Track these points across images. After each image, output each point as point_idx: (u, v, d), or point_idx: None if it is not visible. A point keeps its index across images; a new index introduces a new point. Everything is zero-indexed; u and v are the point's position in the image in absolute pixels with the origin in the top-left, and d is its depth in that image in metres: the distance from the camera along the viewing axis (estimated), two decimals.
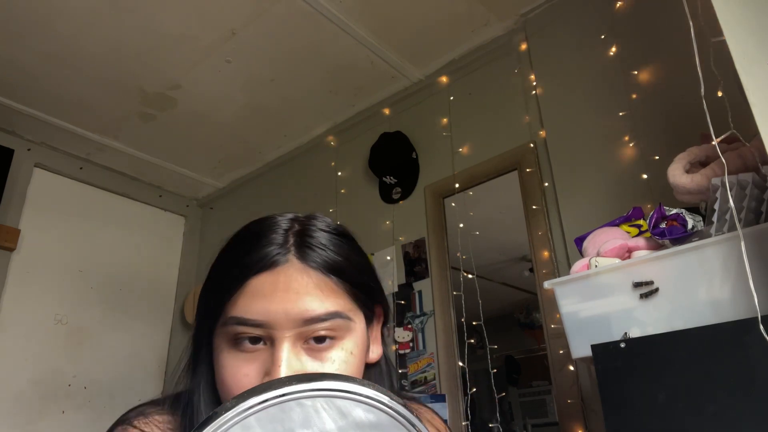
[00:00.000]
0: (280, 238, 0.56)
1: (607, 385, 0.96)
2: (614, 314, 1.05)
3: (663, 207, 1.09)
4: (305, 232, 0.57)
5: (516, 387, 2.06)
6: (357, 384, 0.40)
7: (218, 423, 0.36)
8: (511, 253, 2.08)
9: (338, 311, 0.54)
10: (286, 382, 0.39)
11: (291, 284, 0.53)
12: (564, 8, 1.96)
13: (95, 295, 2.72)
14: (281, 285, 0.53)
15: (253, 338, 0.53)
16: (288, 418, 0.38)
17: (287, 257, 0.54)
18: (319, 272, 0.54)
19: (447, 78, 2.28)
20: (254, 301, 0.52)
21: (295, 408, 0.38)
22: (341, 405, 0.39)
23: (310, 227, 0.58)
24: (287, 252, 0.55)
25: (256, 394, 0.38)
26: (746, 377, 0.81)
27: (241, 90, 2.42)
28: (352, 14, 2.05)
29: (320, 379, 0.39)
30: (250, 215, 0.63)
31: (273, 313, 0.52)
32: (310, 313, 0.52)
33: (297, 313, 0.52)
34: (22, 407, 2.35)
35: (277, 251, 0.54)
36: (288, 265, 0.54)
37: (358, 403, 0.39)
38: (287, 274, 0.53)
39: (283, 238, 0.56)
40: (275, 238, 0.56)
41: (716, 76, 1.02)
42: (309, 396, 0.38)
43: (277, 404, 0.38)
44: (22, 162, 2.58)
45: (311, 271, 0.54)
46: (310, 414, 0.38)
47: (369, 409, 0.40)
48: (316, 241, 0.56)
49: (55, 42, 2.12)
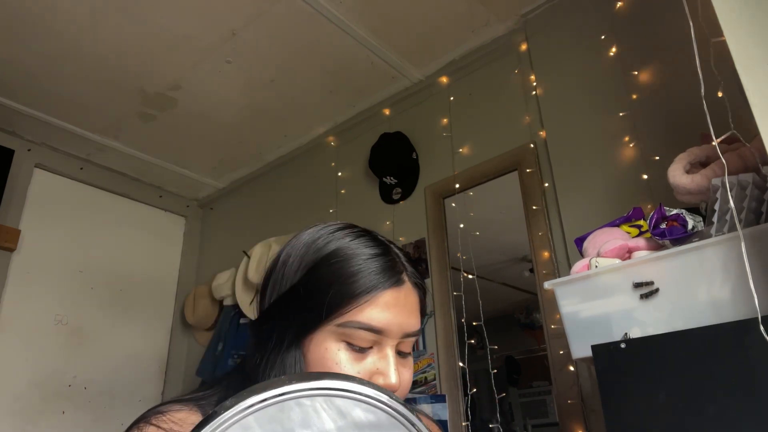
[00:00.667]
0: (401, 260, 0.66)
1: (607, 386, 0.96)
2: (614, 315, 1.05)
3: (663, 207, 1.09)
4: (399, 254, 0.67)
5: (516, 387, 2.06)
6: (356, 383, 0.40)
7: (217, 422, 0.36)
8: (512, 254, 2.08)
9: (421, 328, 0.67)
10: (285, 381, 0.38)
11: (407, 302, 0.63)
12: (564, 8, 1.96)
13: (95, 296, 2.72)
14: (401, 301, 0.62)
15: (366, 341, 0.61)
16: (287, 417, 0.38)
17: (404, 278, 0.64)
18: (417, 292, 0.66)
19: (447, 78, 2.28)
20: (381, 311, 0.61)
21: (294, 408, 0.38)
22: (341, 405, 0.39)
23: (397, 249, 0.68)
24: (403, 272, 0.64)
25: (255, 393, 0.38)
26: (746, 378, 0.81)
27: (241, 90, 2.42)
28: (353, 14, 2.05)
29: (319, 378, 0.39)
30: (251, 216, 0.65)
31: (392, 324, 0.61)
32: (412, 327, 0.63)
33: (406, 327, 0.62)
34: (22, 407, 2.35)
35: (401, 271, 0.64)
36: (405, 285, 0.64)
37: (357, 402, 0.39)
38: (406, 293, 0.64)
39: (401, 261, 0.66)
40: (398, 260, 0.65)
41: (716, 77, 1.02)
42: (308, 395, 0.38)
43: (276, 403, 0.38)
44: (23, 162, 2.58)
45: (414, 291, 0.65)
46: (310, 414, 0.38)
47: (368, 408, 0.39)
48: (408, 262, 0.67)
49: (55, 42, 2.12)
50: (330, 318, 0.60)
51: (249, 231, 2.83)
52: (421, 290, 0.67)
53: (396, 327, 0.61)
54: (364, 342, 0.60)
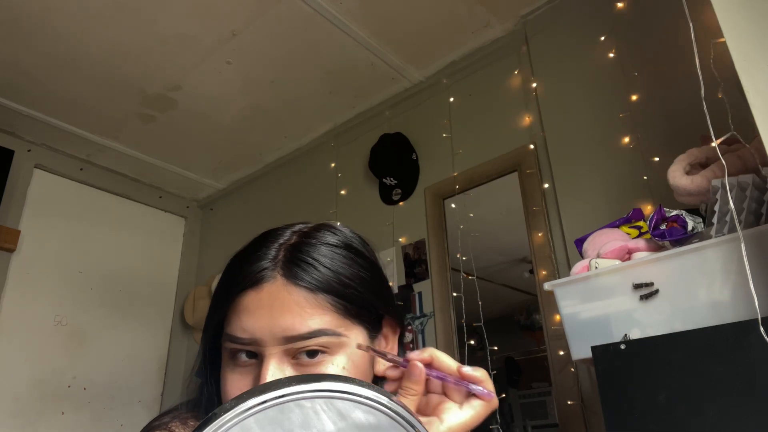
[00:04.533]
0: (271, 253, 0.56)
1: (607, 387, 0.96)
2: (614, 316, 1.05)
3: (663, 208, 1.09)
4: (298, 247, 0.57)
5: (516, 388, 2.06)
6: (356, 385, 0.40)
7: (217, 424, 0.36)
8: (511, 255, 2.08)
9: (322, 329, 0.53)
10: (285, 383, 0.38)
11: (273, 302, 0.53)
12: (564, 10, 1.96)
13: (95, 296, 2.72)
14: (265, 302, 0.53)
15: (249, 353, 0.54)
16: (287, 419, 0.38)
17: (273, 273, 0.54)
18: (303, 289, 0.54)
19: (447, 79, 2.28)
20: (242, 318, 0.53)
21: (294, 409, 0.38)
22: (341, 406, 0.39)
23: (308, 240, 0.57)
24: (274, 268, 0.55)
25: (255, 395, 0.38)
26: (746, 379, 0.81)
27: (241, 91, 2.42)
28: (353, 16, 2.05)
29: (320, 380, 0.39)
30: (251, 216, 0.64)
31: (258, 330, 0.52)
32: (290, 331, 0.52)
33: (279, 331, 0.52)
34: (21, 408, 2.35)
35: (264, 267, 0.55)
36: (272, 282, 0.54)
37: (357, 404, 0.39)
38: (270, 292, 0.53)
39: (275, 253, 0.56)
40: (267, 254, 0.56)
41: (716, 78, 1.02)
42: (308, 397, 0.38)
43: (276, 405, 0.38)
44: (23, 163, 2.58)
45: (294, 288, 0.54)
46: (310, 416, 0.38)
47: (369, 410, 0.39)
48: (307, 256, 0.56)
49: (55, 43, 2.12)
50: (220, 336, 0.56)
51: (249, 232, 2.80)
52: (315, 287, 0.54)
53: (265, 332, 0.52)
54: (244, 355, 0.54)
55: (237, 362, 0.54)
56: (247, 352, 0.54)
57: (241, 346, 0.53)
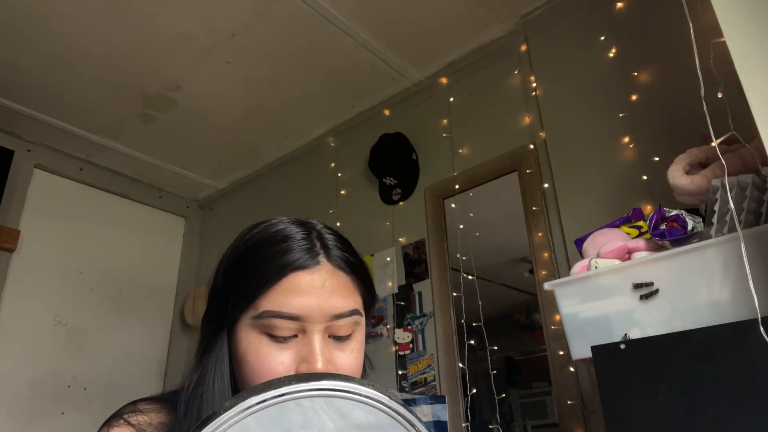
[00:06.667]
0: (306, 242, 0.62)
1: (607, 387, 0.96)
2: (614, 315, 1.05)
3: (663, 208, 1.09)
4: (323, 236, 0.63)
5: (516, 388, 2.06)
6: (356, 383, 0.40)
7: (217, 423, 0.36)
8: (511, 255, 2.08)
9: (356, 308, 0.61)
10: (285, 382, 0.38)
11: (325, 283, 0.59)
12: (564, 9, 1.96)
13: (95, 296, 2.72)
14: (317, 283, 0.59)
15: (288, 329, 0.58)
16: (287, 419, 0.38)
17: (318, 259, 0.60)
18: (344, 273, 0.61)
19: (447, 79, 2.28)
20: (291, 296, 0.58)
21: (294, 408, 0.38)
22: (340, 405, 0.39)
23: (324, 231, 0.65)
24: (317, 254, 0.61)
25: (254, 394, 0.38)
26: (746, 378, 0.81)
27: (241, 91, 2.42)
28: (352, 16, 2.05)
29: (319, 379, 0.39)
30: (251, 216, 0.66)
31: (309, 308, 0.58)
32: (338, 309, 0.59)
33: (329, 309, 0.58)
34: (21, 408, 2.35)
35: (317, 252, 0.61)
36: (321, 266, 0.60)
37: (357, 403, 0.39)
38: (321, 274, 0.60)
39: (310, 242, 0.62)
40: (304, 241, 0.62)
41: (716, 78, 1.03)
42: (308, 396, 0.38)
43: (276, 404, 0.38)
44: (22, 163, 2.58)
45: (338, 272, 0.61)
46: (309, 414, 0.38)
47: (368, 409, 0.39)
48: (334, 244, 0.63)
49: (55, 43, 2.12)
50: (245, 312, 0.59)
51: None
52: (349, 272, 0.62)
53: (316, 310, 0.58)
54: (286, 331, 0.57)
55: (275, 338, 0.58)
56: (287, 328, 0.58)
57: (287, 322, 0.57)
